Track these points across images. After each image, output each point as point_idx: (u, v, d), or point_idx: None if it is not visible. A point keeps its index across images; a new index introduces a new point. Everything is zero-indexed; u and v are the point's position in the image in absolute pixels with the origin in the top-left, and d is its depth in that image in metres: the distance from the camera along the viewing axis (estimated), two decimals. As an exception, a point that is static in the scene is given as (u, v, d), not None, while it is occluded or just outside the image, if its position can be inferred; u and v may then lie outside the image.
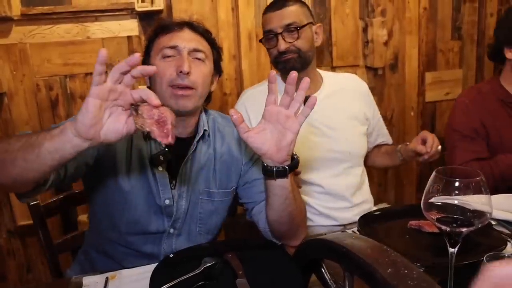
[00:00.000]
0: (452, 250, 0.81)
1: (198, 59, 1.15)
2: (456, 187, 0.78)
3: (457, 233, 0.79)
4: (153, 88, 1.17)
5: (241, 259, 1.01)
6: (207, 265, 0.95)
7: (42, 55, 1.95)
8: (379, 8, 2.37)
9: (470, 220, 0.79)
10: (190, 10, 2.06)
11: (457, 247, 0.81)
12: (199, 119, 1.22)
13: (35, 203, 1.35)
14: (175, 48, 1.13)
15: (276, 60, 1.49)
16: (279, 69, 1.52)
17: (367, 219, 1.22)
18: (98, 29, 2.00)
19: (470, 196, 0.78)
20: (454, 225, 0.79)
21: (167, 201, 1.14)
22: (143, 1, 1.97)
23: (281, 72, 1.51)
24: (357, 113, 1.58)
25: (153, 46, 1.18)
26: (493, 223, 1.17)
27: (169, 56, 1.13)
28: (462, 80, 2.59)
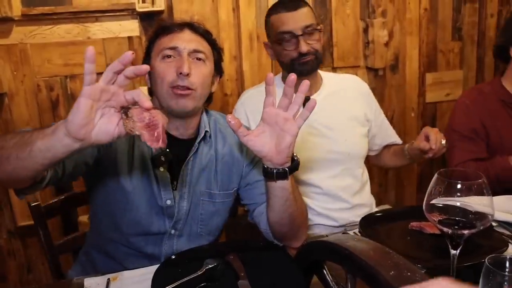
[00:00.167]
0: (454, 252, 0.81)
1: (198, 59, 1.14)
2: (458, 189, 0.78)
3: (459, 235, 0.79)
4: (153, 88, 1.17)
5: (243, 260, 1.00)
6: (209, 267, 0.95)
7: (42, 55, 1.95)
8: (379, 9, 2.37)
9: (472, 222, 0.79)
10: (191, 10, 2.06)
11: (459, 249, 0.81)
12: (200, 120, 1.22)
13: (36, 203, 1.35)
14: (175, 49, 1.13)
15: (293, 62, 1.44)
16: (295, 71, 1.37)
17: (368, 220, 1.22)
18: (98, 30, 2.00)
19: (472, 198, 0.78)
20: (456, 227, 0.79)
21: (169, 202, 1.14)
22: (144, 1, 1.97)
23: (299, 74, 1.27)
24: (357, 114, 1.57)
25: (154, 47, 1.18)
26: (494, 224, 1.18)
27: (169, 56, 1.13)
28: (462, 81, 2.60)
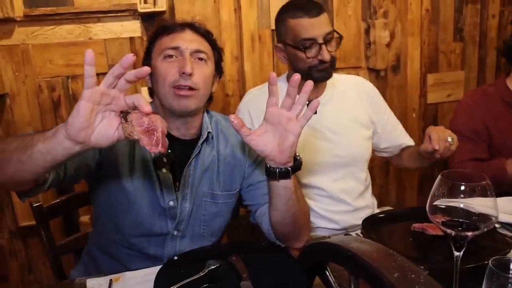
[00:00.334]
0: (457, 253, 0.81)
1: (200, 60, 1.14)
2: (461, 190, 0.78)
3: (463, 237, 0.79)
4: (155, 88, 1.16)
5: (245, 261, 1.00)
6: (211, 268, 0.95)
7: (44, 56, 1.95)
8: (381, 9, 2.36)
9: (475, 224, 0.79)
10: (192, 11, 2.06)
11: (463, 250, 0.81)
12: (202, 120, 1.22)
13: (38, 204, 1.35)
14: (177, 49, 1.13)
15: (311, 68, 1.41)
16: (312, 78, 1.35)
17: (370, 221, 1.22)
18: (100, 30, 1.99)
19: (475, 199, 0.78)
20: (459, 228, 0.79)
21: (171, 203, 1.14)
22: (145, 2, 1.97)
23: (315, 80, 1.24)
24: (360, 117, 1.56)
25: (154, 47, 1.18)
26: (497, 226, 1.17)
27: (171, 56, 1.13)
28: (464, 81, 2.59)
